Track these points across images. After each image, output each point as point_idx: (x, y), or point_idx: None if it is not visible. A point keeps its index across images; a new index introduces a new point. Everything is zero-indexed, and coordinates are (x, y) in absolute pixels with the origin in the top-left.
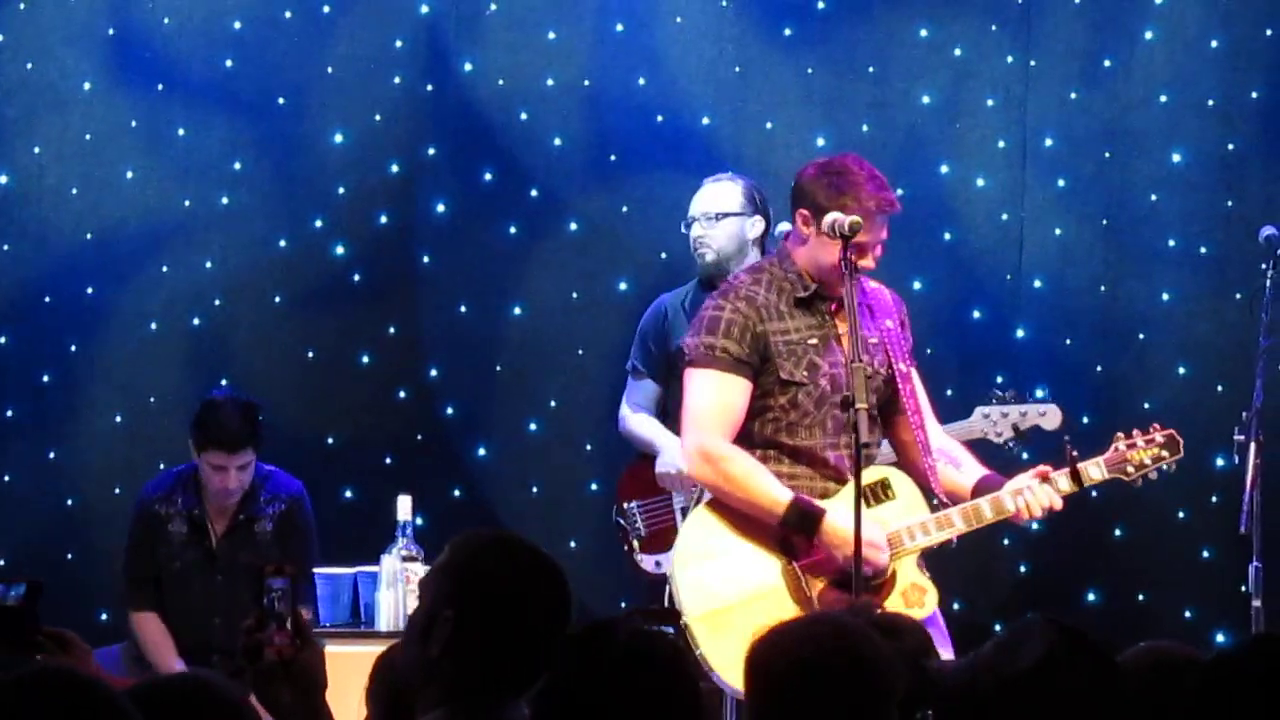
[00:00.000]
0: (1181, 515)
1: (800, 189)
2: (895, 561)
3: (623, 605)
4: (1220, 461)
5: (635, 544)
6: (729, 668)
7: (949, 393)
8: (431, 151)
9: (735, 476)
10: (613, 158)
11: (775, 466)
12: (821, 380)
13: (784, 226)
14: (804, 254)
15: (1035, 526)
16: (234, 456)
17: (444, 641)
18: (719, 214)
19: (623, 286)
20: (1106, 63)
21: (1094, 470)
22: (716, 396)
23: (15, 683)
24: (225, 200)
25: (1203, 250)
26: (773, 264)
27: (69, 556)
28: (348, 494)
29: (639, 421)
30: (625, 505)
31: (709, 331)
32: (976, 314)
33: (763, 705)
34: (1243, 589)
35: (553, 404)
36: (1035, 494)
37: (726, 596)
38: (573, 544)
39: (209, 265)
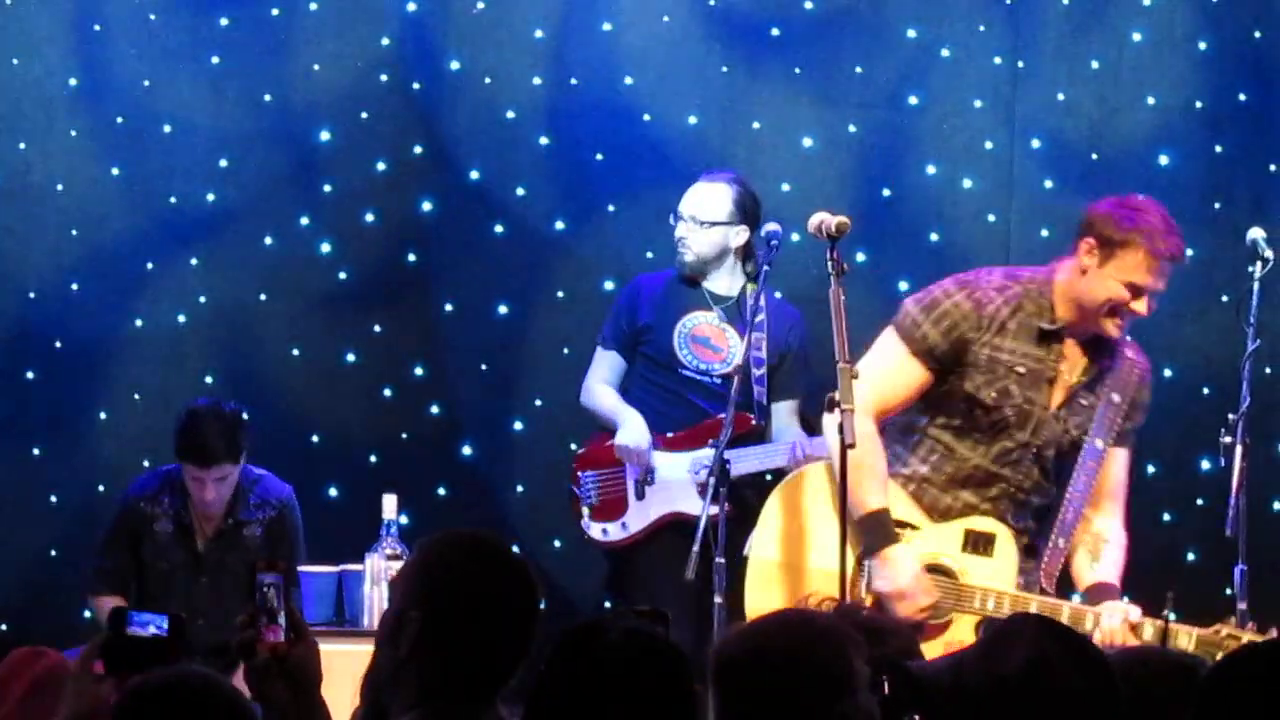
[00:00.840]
0: (1167, 518)
1: (1091, 220)
2: (958, 615)
3: (606, 604)
4: (1206, 464)
5: (585, 511)
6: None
7: None
8: (418, 150)
9: (851, 458)
10: (599, 157)
11: (923, 459)
12: (1008, 409)
13: (771, 227)
14: (1071, 284)
15: None
16: (210, 471)
17: (412, 642)
18: (707, 222)
19: (609, 285)
20: (1094, 64)
21: (1184, 640)
22: (890, 369)
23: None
24: (211, 198)
25: (1190, 252)
26: (1032, 281)
27: (52, 554)
28: (332, 492)
29: (601, 394)
30: (581, 474)
31: (926, 308)
32: None
33: (721, 698)
34: (1227, 592)
35: (538, 403)
36: (1114, 632)
37: (792, 554)
38: (557, 543)
39: (194, 262)
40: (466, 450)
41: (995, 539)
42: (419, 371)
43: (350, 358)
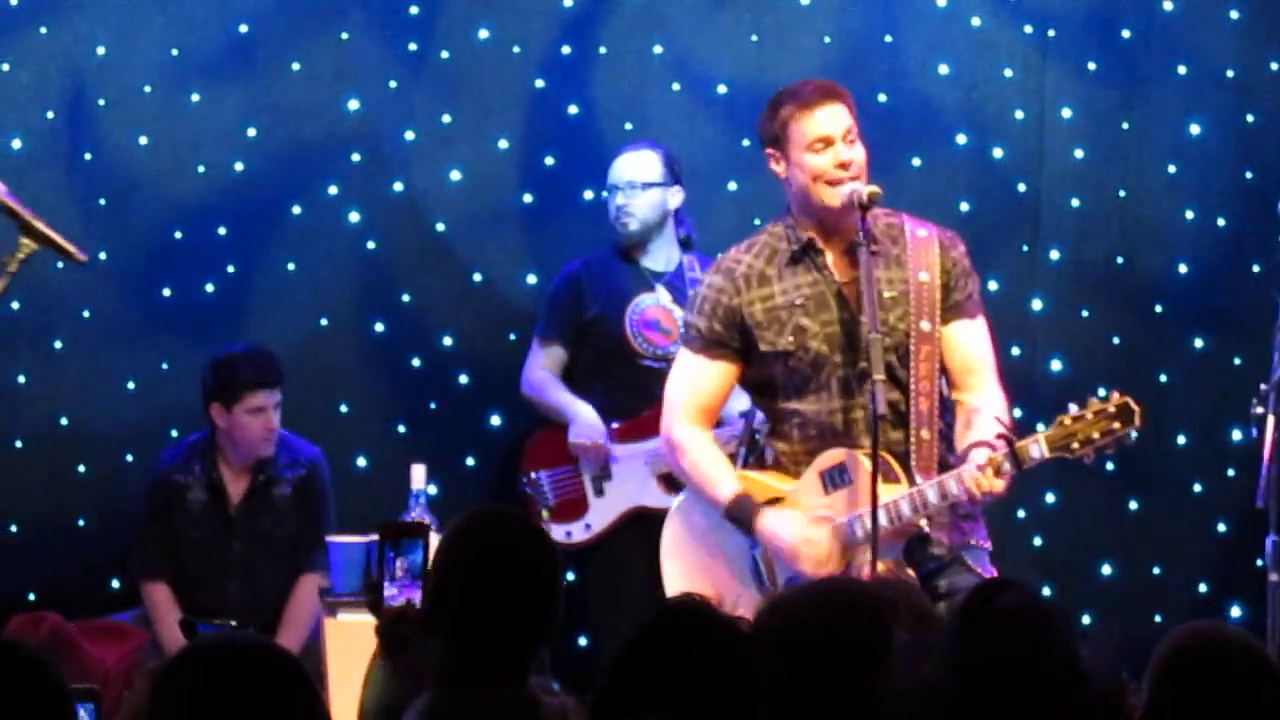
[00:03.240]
0: (1197, 488)
1: (759, 137)
2: (850, 555)
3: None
4: (1237, 435)
5: (544, 514)
6: None
7: None
8: (446, 119)
9: (686, 469)
10: (628, 126)
11: (783, 436)
12: (812, 343)
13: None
14: (792, 199)
15: (1051, 500)
16: (274, 393)
17: (427, 618)
18: (644, 184)
19: None
20: (1125, 33)
21: (1034, 449)
22: (685, 379)
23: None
24: (239, 166)
25: (1220, 222)
26: (771, 225)
27: (80, 523)
28: (361, 462)
29: (547, 387)
30: (533, 475)
31: (690, 308)
32: (993, 285)
33: (759, 667)
34: (1258, 563)
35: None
36: (976, 480)
37: (704, 589)
38: None
39: (222, 231)
40: (495, 420)
41: (845, 464)
42: (448, 341)
43: (379, 327)
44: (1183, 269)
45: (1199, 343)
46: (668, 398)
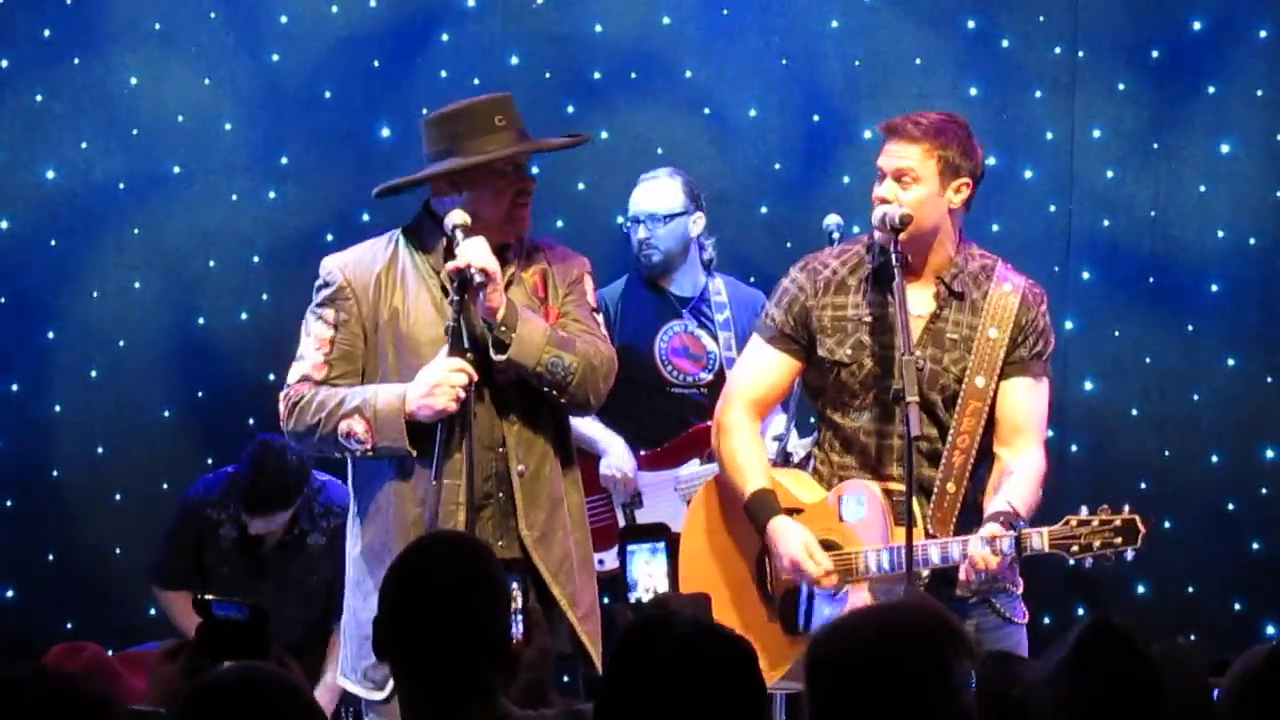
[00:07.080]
0: (1231, 506)
1: None
2: (848, 586)
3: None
4: (1270, 453)
5: None
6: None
7: None
8: None
9: (723, 453)
10: (660, 150)
11: (821, 446)
12: (867, 359)
13: (832, 219)
14: None
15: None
16: (275, 518)
17: (378, 647)
18: (665, 215)
19: None
20: (1154, 53)
21: (1036, 540)
22: (748, 364)
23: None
24: (272, 194)
25: (1251, 241)
26: (867, 236)
27: (117, 551)
28: None
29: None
30: None
31: (774, 298)
32: None
33: (813, 697)
34: None
35: None
36: (973, 558)
37: (710, 577)
38: None
39: (256, 260)
40: None
41: (862, 496)
42: None
43: None
44: (1214, 288)
45: (1231, 362)
46: (729, 382)
